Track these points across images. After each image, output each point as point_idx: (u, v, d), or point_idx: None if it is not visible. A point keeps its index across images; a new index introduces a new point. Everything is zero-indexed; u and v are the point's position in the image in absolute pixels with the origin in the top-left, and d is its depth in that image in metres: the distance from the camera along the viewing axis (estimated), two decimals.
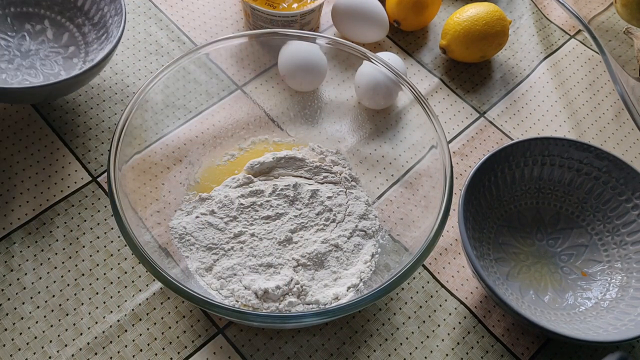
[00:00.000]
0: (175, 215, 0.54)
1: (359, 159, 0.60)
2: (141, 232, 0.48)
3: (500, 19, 0.67)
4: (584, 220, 0.57)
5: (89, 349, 0.50)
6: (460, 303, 0.54)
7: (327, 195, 0.56)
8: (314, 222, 0.54)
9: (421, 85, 0.68)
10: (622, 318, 0.50)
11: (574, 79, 0.71)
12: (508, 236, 0.56)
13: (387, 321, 0.53)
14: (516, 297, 0.53)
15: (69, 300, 0.52)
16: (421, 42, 0.72)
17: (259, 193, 0.55)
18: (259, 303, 0.50)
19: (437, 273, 0.56)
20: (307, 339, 0.51)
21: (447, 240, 0.57)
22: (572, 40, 0.74)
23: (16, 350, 0.49)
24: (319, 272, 0.52)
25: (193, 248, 0.52)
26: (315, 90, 0.62)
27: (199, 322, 0.51)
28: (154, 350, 0.50)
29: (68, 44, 0.63)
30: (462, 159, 0.63)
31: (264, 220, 0.54)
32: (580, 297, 0.54)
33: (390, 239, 0.54)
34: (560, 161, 0.57)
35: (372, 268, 0.53)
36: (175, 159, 0.57)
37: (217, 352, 0.50)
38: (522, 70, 0.71)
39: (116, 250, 0.55)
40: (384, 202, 0.57)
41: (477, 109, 0.67)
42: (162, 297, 0.52)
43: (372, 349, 0.51)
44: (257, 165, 0.57)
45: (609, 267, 0.55)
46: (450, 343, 0.52)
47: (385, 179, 0.58)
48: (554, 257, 0.56)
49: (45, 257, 0.54)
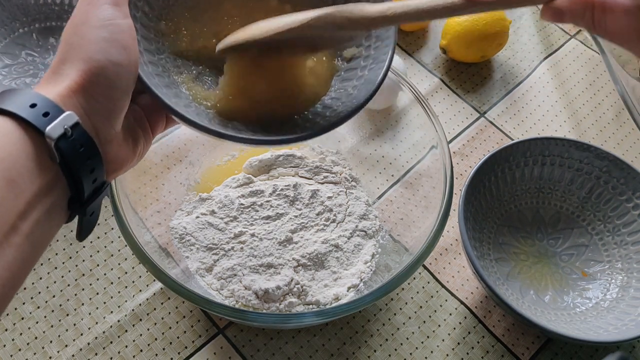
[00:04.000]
0: (175, 216, 0.54)
1: (359, 159, 0.60)
2: (141, 232, 0.48)
3: (500, 19, 0.67)
4: (584, 220, 0.57)
5: (90, 349, 0.50)
6: (460, 303, 0.54)
7: (328, 195, 0.56)
8: (314, 222, 0.54)
9: (421, 86, 0.68)
10: (622, 318, 0.50)
11: (574, 79, 0.71)
12: (508, 236, 0.56)
13: (388, 321, 0.53)
14: (516, 297, 0.53)
15: (69, 300, 0.52)
16: (421, 42, 0.72)
17: (259, 193, 0.55)
18: (260, 303, 0.50)
19: (438, 273, 0.56)
20: (308, 339, 0.51)
21: (448, 241, 0.57)
22: (572, 40, 0.74)
23: (16, 350, 0.49)
24: (319, 273, 0.52)
25: (193, 248, 0.52)
26: None
27: (199, 322, 0.51)
28: (154, 350, 0.50)
29: None
30: (462, 159, 0.63)
31: (264, 220, 0.54)
32: (580, 297, 0.54)
33: (390, 239, 0.54)
34: (560, 161, 0.57)
35: (372, 268, 0.53)
36: (175, 159, 0.57)
37: (217, 352, 0.50)
38: (522, 70, 0.71)
39: (116, 250, 0.55)
40: (384, 202, 0.57)
41: (478, 109, 0.67)
42: (163, 298, 0.52)
43: (373, 349, 0.51)
44: (255, 163, 0.58)
45: (609, 267, 0.55)
46: (451, 343, 0.52)
47: (385, 179, 0.58)
48: (554, 257, 0.56)
49: (45, 257, 0.54)
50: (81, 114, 0.30)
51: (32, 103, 0.29)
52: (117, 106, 0.32)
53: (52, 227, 0.31)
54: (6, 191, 0.28)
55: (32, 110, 0.29)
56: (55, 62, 0.32)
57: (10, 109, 0.29)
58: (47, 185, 0.30)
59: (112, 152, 0.33)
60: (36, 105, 0.29)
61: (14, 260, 0.28)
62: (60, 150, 0.29)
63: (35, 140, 0.29)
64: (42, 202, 0.30)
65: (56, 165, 0.30)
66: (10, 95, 0.30)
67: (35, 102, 0.29)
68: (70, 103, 0.30)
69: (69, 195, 0.31)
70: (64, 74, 0.31)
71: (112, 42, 0.32)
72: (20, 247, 0.28)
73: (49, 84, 0.31)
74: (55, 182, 0.30)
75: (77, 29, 0.32)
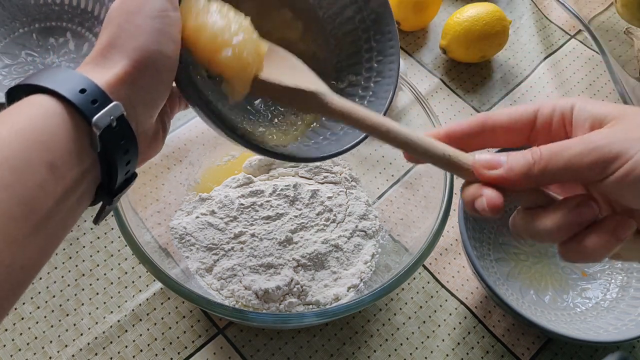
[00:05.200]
0: (175, 216, 0.54)
1: (359, 159, 0.60)
2: (141, 232, 0.48)
3: (500, 19, 0.67)
4: None
5: (90, 349, 0.50)
6: (460, 303, 0.54)
7: (327, 195, 0.56)
8: (314, 223, 0.54)
9: (421, 86, 0.68)
10: (622, 318, 0.50)
11: (574, 79, 0.71)
12: (508, 236, 0.56)
13: (388, 321, 0.53)
14: (516, 297, 0.53)
15: (69, 300, 0.52)
16: (421, 42, 0.72)
17: (259, 193, 0.55)
18: (260, 303, 0.50)
19: (438, 273, 0.56)
20: (307, 340, 0.51)
21: (448, 241, 0.57)
22: (572, 40, 0.74)
23: (16, 350, 0.49)
24: (319, 273, 0.52)
25: (193, 248, 0.52)
26: None
27: (199, 322, 0.51)
28: (154, 350, 0.50)
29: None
30: None
31: (264, 220, 0.54)
32: (580, 297, 0.54)
33: (390, 239, 0.54)
34: None
35: (372, 268, 0.53)
36: (175, 159, 0.57)
37: (217, 353, 0.50)
38: (522, 70, 0.71)
39: (116, 250, 0.55)
40: (384, 202, 0.57)
41: (477, 109, 0.67)
42: (163, 298, 0.52)
43: (373, 349, 0.51)
44: (255, 163, 0.58)
45: (609, 267, 0.55)
46: (451, 343, 0.52)
47: (385, 179, 0.58)
48: (554, 257, 0.56)
49: None
50: (126, 104, 0.30)
51: (82, 88, 0.29)
52: (160, 98, 0.33)
53: (79, 213, 0.31)
54: (48, 175, 0.27)
55: (82, 96, 0.29)
56: (103, 45, 0.31)
57: (61, 92, 0.28)
58: (83, 173, 0.30)
59: (146, 141, 0.33)
60: (85, 91, 0.29)
61: (45, 245, 0.28)
62: (103, 141, 0.29)
63: (80, 127, 0.29)
64: (77, 189, 0.29)
65: (94, 153, 0.30)
66: (57, 75, 0.30)
67: (85, 88, 0.29)
68: (117, 92, 0.30)
69: (99, 182, 0.31)
70: (114, 60, 0.31)
71: (165, 34, 0.31)
72: (51, 233, 0.28)
73: (97, 66, 0.31)
74: (91, 169, 0.30)
75: (131, 16, 0.31)
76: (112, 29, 0.31)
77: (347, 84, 0.43)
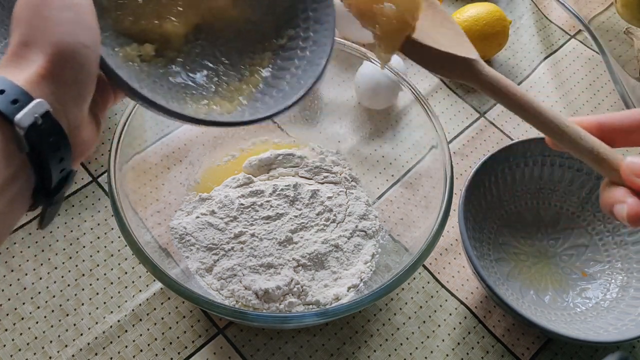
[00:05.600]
0: (175, 216, 0.54)
1: (359, 159, 0.60)
2: (141, 232, 0.48)
3: (500, 19, 0.67)
4: (584, 220, 0.57)
5: (89, 349, 0.50)
6: (460, 303, 0.54)
7: (328, 195, 0.56)
8: (314, 223, 0.54)
9: (421, 85, 0.68)
10: (622, 318, 0.50)
11: (574, 79, 0.71)
12: (508, 236, 0.56)
13: (388, 321, 0.53)
14: (516, 297, 0.53)
15: (69, 300, 0.52)
16: None
17: (259, 193, 0.55)
18: (260, 303, 0.50)
19: (438, 273, 0.56)
20: (308, 339, 0.51)
21: (447, 241, 0.57)
22: (572, 40, 0.74)
23: (16, 350, 0.49)
24: (319, 273, 0.52)
25: (193, 248, 0.52)
26: (315, 90, 0.62)
27: (199, 322, 0.51)
28: (154, 350, 0.50)
29: None
30: (463, 159, 0.63)
31: (264, 220, 0.54)
32: (580, 297, 0.54)
33: (390, 239, 0.54)
34: (560, 161, 0.57)
35: (372, 268, 0.53)
36: (175, 159, 0.57)
37: (217, 353, 0.50)
38: (522, 70, 0.71)
39: (116, 250, 0.55)
40: (384, 202, 0.57)
41: (477, 109, 0.67)
42: (163, 298, 0.52)
43: (373, 349, 0.51)
44: (255, 163, 0.58)
45: (609, 267, 0.55)
46: (451, 343, 0.52)
47: (385, 179, 0.58)
48: (554, 257, 0.56)
49: (45, 257, 0.54)
50: (51, 100, 0.29)
51: (0, 89, 0.28)
52: (86, 90, 0.31)
53: (13, 217, 0.30)
54: None
55: (1, 97, 0.27)
56: (15, 45, 0.30)
57: None
58: (12, 175, 0.28)
59: (79, 136, 0.31)
60: (4, 92, 0.28)
61: None
62: (30, 140, 0.28)
63: (3, 129, 0.28)
64: (6, 192, 0.28)
65: (22, 155, 0.29)
66: None
67: (3, 89, 0.28)
68: (39, 89, 0.29)
69: (34, 185, 0.30)
70: (30, 59, 0.29)
71: (79, 24, 0.30)
72: None
73: (14, 67, 0.29)
74: (20, 172, 0.29)
75: (38, 10, 0.29)
76: (22, 28, 0.30)
77: (286, 39, 0.42)
